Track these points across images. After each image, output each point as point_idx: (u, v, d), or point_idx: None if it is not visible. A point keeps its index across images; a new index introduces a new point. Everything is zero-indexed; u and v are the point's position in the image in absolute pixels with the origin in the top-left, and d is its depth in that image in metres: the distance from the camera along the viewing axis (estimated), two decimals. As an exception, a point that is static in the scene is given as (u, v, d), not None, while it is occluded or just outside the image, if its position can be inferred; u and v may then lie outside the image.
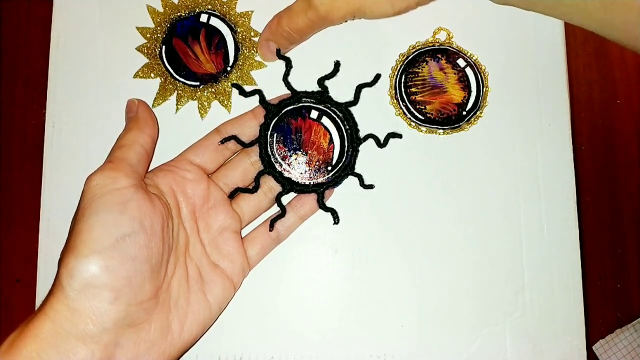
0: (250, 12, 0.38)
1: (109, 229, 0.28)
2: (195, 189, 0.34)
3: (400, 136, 0.37)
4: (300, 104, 0.36)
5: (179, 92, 0.38)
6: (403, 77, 0.38)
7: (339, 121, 0.37)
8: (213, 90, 0.38)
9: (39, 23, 0.47)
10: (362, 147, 0.37)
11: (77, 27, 0.38)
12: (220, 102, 0.38)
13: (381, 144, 0.37)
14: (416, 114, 0.38)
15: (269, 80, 0.38)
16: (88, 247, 0.27)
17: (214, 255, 0.34)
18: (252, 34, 0.38)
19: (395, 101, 0.38)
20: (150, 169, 0.35)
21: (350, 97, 0.37)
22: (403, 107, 0.38)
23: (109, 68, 0.38)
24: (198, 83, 0.38)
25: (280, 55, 0.36)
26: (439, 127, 0.38)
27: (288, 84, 0.37)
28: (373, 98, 0.38)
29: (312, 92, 0.37)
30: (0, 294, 0.45)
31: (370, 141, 0.37)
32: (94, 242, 0.27)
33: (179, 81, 0.38)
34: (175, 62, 0.38)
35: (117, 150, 0.32)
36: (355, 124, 0.37)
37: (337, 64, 0.37)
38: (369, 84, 0.37)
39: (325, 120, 0.36)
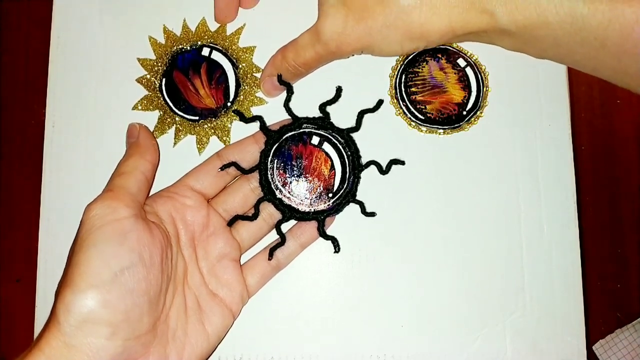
0: (253, 48, 0.38)
1: (107, 262, 0.27)
2: (195, 215, 0.34)
3: (402, 163, 0.37)
4: (301, 130, 0.36)
5: (178, 126, 0.37)
6: (403, 77, 0.38)
7: (340, 147, 0.36)
8: (212, 125, 0.37)
9: (39, 23, 0.47)
10: (362, 149, 0.37)
11: (77, 27, 0.38)
12: (218, 137, 0.37)
13: (383, 171, 0.37)
14: (416, 113, 0.38)
15: (269, 116, 0.37)
16: (86, 281, 0.27)
17: (213, 284, 0.34)
18: (254, 69, 0.38)
19: (395, 101, 0.38)
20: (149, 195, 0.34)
21: (349, 97, 0.37)
22: (403, 107, 0.38)
23: (109, 68, 0.38)
24: (197, 118, 0.37)
25: (281, 81, 0.36)
26: (439, 127, 0.38)
27: (289, 110, 0.36)
28: (373, 98, 0.38)
29: (314, 117, 0.36)
30: (0, 294, 0.45)
31: (371, 142, 0.37)
32: (92, 275, 0.27)
33: (178, 115, 0.37)
34: (175, 96, 0.37)
35: (117, 177, 0.32)
36: (357, 150, 0.36)
37: (338, 90, 0.37)
38: (372, 110, 0.37)
39: (326, 147, 0.36)
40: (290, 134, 0.36)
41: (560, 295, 0.37)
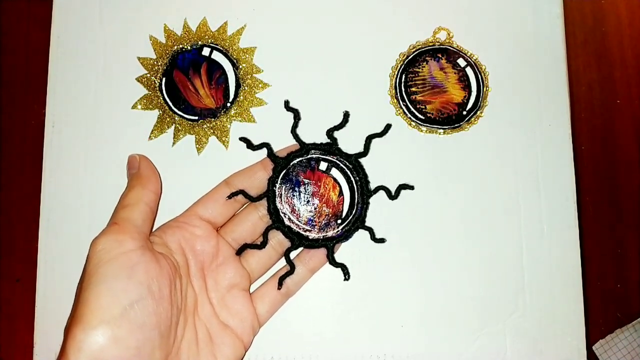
0: (253, 49, 0.38)
1: (117, 297, 0.27)
2: (205, 245, 0.33)
3: (412, 188, 0.37)
4: (309, 156, 0.36)
5: (177, 125, 0.37)
6: (403, 76, 0.38)
7: (348, 172, 0.36)
8: (211, 125, 0.37)
9: (39, 23, 0.47)
10: (362, 149, 0.37)
11: (77, 27, 0.38)
12: (217, 137, 0.37)
13: (392, 196, 0.37)
14: (416, 113, 0.38)
15: (269, 116, 0.37)
16: (96, 317, 0.26)
17: (223, 315, 0.33)
18: (254, 70, 0.38)
19: (395, 101, 0.38)
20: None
21: (349, 97, 0.37)
22: (403, 107, 0.38)
23: (109, 68, 0.38)
24: (197, 117, 0.37)
25: (288, 107, 0.36)
26: (439, 126, 0.38)
27: (296, 136, 0.36)
28: (373, 98, 0.38)
29: (321, 143, 0.36)
30: (0, 294, 0.44)
31: (374, 145, 0.37)
32: (102, 311, 0.26)
33: (178, 114, 0.37)
34: (175, 95, 0.37)
35: (121, 210, 0.31)
36: (366, 176, 0.36)
37: (346, 115, 0.37)
38: (379, 134, 0.37)
39: (334, 172, 0.36)
40: (297, 160, 0.36)
41: (560, 295, 0.37)
